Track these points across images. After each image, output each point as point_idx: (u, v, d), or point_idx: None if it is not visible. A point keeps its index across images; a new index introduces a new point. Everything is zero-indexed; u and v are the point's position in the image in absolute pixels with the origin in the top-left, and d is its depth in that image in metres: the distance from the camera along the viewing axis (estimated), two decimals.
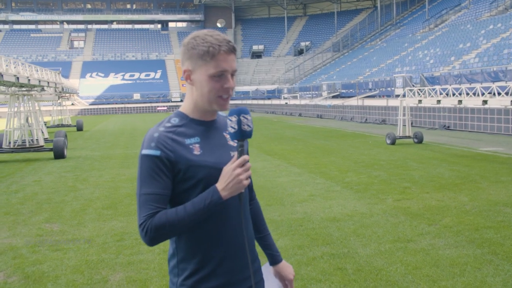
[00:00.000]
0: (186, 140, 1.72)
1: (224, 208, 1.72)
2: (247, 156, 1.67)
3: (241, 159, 1.65)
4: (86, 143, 20.50)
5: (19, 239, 6.10)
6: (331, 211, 7.10)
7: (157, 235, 1.63)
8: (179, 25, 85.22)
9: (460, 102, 17.47)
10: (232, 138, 1.69)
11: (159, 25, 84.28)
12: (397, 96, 24.95)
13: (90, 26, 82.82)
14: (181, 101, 63.16)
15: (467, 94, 18.35)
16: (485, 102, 17.06)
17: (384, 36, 56.55)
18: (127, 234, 6.20)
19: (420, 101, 17.54)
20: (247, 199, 1.87)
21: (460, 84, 22.95)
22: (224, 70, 1.70)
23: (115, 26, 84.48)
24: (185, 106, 1.81)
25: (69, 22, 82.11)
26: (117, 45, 79.01)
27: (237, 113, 1.66)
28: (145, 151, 1.68)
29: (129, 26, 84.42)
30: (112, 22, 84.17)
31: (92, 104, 62.92)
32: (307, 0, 78.42)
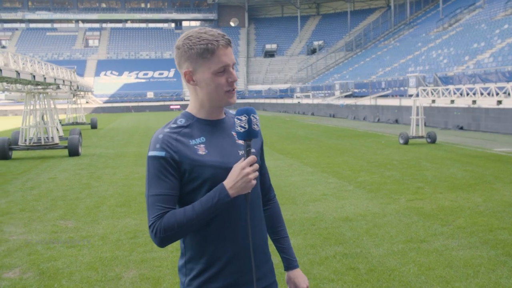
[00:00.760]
0: (190, 140, 1.71)
1: (231, 208, 1.71)
2: (255, 156, 1.67)
3: (250, 158, 1.65)
4: (100, 141, 20.67)
5: (35, 236, 6.19)
6: (344, 210, 7.09)
7: (167, 236, 1.64)
8: (193, 24, 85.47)
9: (474, 102, 17.33)
10: (240, 137, 1.68)
11: (173, 24, 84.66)
12: (410, 95, 24.81)
13: (104, 25, 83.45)
14: None
15: (481, 94, 18.19)
16: (500, 102, 16.90)
17: (397, 35, 56.22)
18: (141, 231, 6.25)
19: (433, 101, 17.43)
20: (260, 200, 1.85)
21: (474, 84, 22.75)
22: (226, 64, 1.71)
23: (129, 25, 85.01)
24: (191, 106, 1.81)
25: (84, 21, 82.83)
26: (131, 43, 79.53)
27: (247, 112, 1.67)
28: (151, 153, 1.70)
29: (143, 25, 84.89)
30: (126, 21, 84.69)
31: (106, 102, 63.38)
32: None
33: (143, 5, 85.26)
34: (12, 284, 4.61)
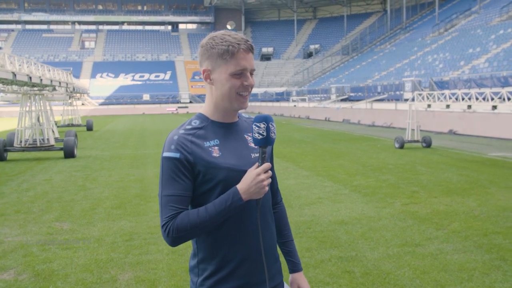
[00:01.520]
0: (205, 142, 1.74)
1: (243, 212, 1.74)
2: (270, 164, 1.70)
3: (265, 165, 1.68)
4: (96, 143, 20.63)
5: (30, 237, 6.17)
6: (339, 214, 7.11)
7: (180, 236, 1.67)
8: (189, 26, 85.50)
9: (469, 107, 17.40)
10: (257, 144, 1.71)
11: (170, 27, 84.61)
12: (406, 100, 24.88)
13: (101, 27, 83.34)
14: (190, 102, 63.32)
15: (477, 99, 18.27)
16: (495, 107, 16.98)
17: (393, 40, 56.40)
18: (136, 234, 6.25)
19: (429, 106, 17.50)
20: (270, 203, 1.89)
21: (469, 88, 22.85)
22: (244, 68, 1.74)
23: (125, 27, 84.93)
24: (206, 108, 1.84)
25: (80, 22, 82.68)
26: (128, 46, 79.44)
27: (265, 120, 1.70)
28: (166, 154, 1.73)
29: (140, 27, 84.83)
30: (123, 23, 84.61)
31: (102, 104, 63.24)
32: (317, 3, 78.34)
33: (139, 8, 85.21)
34: (7, 285, 4.60)
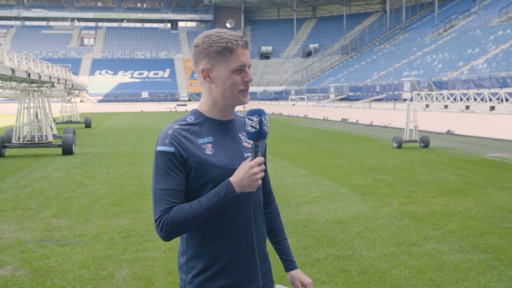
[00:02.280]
0: (199, 139, 1.74)
1: (235, 207, 1.74)
2: (263, 158, 1.71)
3: (259, 159, 1.69)
4: (94, 140, 20.63)
5: (27, 234, 6.18)
6: (336, 213, 7.13)
7: (173, 230, 1.67)
8: (189, 24, 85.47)
9: (467, 107, 17.44)
10: (250, 137, 1.72)
11: (169, 24, 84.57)
12: (405, 100, 24.93)
13: (100, 24, 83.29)
14: (189, 100, 63.31)
15: (475, 99, 18.31)
16: (493, 108, 17.03)
17: (392, 39, 56.46)
18: (134, 231, 6.26)
19: (427, 106, 17.53)
20: (261, 202, 1.89)
21: (468, 89, 22.90)
22: (243, 64, 1.75)
23: (125, 24, 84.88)
24: (202, 104, 1.84)
25: (79, 19, 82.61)
26: (127, 43, 79.41)
27: (258, 113, 1.70)
28: (159, 148, 1.72)
29: (139, 24, 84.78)
30: (122, 20, 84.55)
31: (100, 101, 63.20)
32: (317, 2, 78.38)
33: (139, 5, 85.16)
34: (4, 281, 4.61)
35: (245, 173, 1.66)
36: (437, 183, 9.50)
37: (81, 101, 54.01)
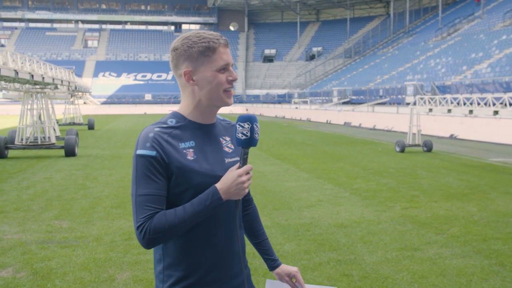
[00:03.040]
0: (180, 144, 1.68)
1: (217, 214, 1.70)
2: (251, 166, 1.67)
3: (248, 167, 1.65)
4: (97, 142, 20.65)
5: (29, 235, 6.17)
6: (339, 217, 7.10)
7: (156, 237, 1.60)
8: (193, 27, 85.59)
9: (471, 111, 17.40)
10: (239, 144, 1.67)
11: (173, 27, 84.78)
12: (408, 104, 24.89)
13: (104, 26, 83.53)
14: None
15: (478, 104, 18.26)
16: (496, 112, 16.98)
17: (396, 43, 56.45)
18: (135, 233, 6.24)
19: (430, 110, 17.49)
20: (241, 207, 1.85)
21: (471, 93, 22.85)
22: (227, 62, 1.71)
23: (129, 26, 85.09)
24: (183, 107, 1.78)
25: (83, 21, 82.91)
26: (130, 45, 79.61)
27: (250, 120, 1.66)
28: (140, 151, 1.64)
29: (143, 27, 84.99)
30: (126, 22, 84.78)
31: (104, 103, 63.32)
32: (320, 5, 78.45)
33: (143, 7, 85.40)
34: (5, 283, 4.60)
35: (232, 181, 1.62)
36: (440, 187, 9.46)
37: (85, 103, 54.15)
